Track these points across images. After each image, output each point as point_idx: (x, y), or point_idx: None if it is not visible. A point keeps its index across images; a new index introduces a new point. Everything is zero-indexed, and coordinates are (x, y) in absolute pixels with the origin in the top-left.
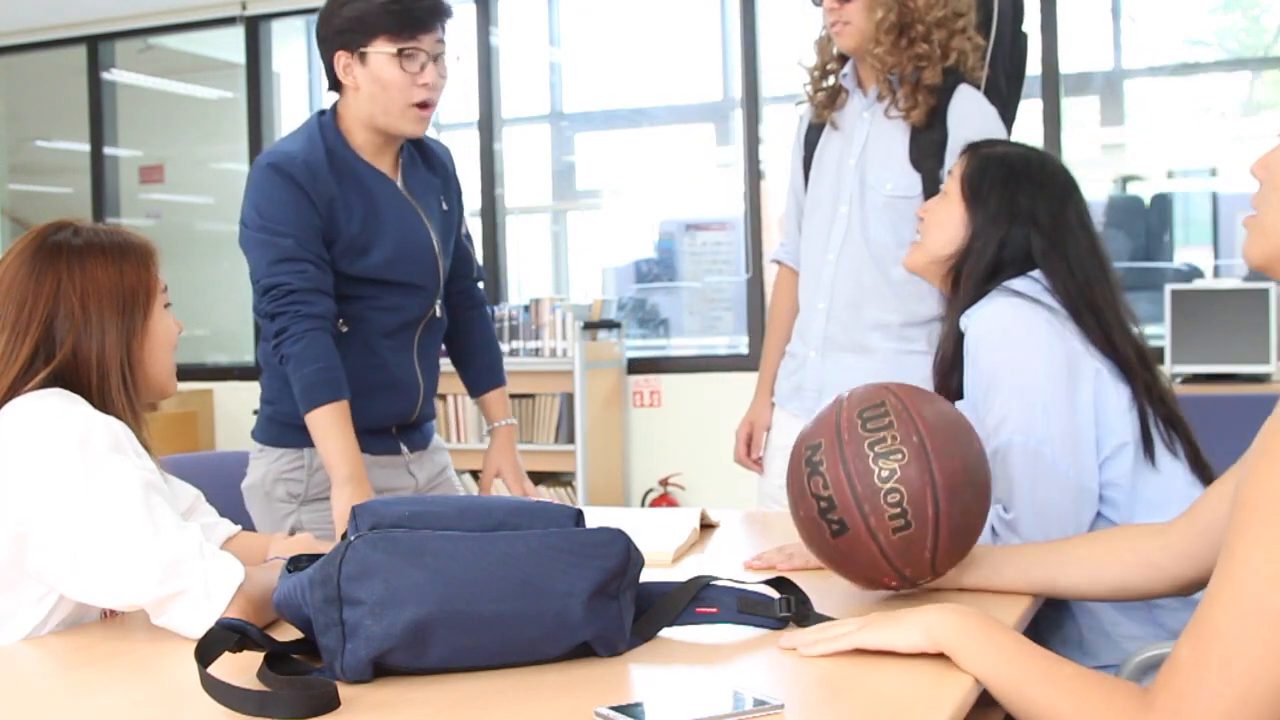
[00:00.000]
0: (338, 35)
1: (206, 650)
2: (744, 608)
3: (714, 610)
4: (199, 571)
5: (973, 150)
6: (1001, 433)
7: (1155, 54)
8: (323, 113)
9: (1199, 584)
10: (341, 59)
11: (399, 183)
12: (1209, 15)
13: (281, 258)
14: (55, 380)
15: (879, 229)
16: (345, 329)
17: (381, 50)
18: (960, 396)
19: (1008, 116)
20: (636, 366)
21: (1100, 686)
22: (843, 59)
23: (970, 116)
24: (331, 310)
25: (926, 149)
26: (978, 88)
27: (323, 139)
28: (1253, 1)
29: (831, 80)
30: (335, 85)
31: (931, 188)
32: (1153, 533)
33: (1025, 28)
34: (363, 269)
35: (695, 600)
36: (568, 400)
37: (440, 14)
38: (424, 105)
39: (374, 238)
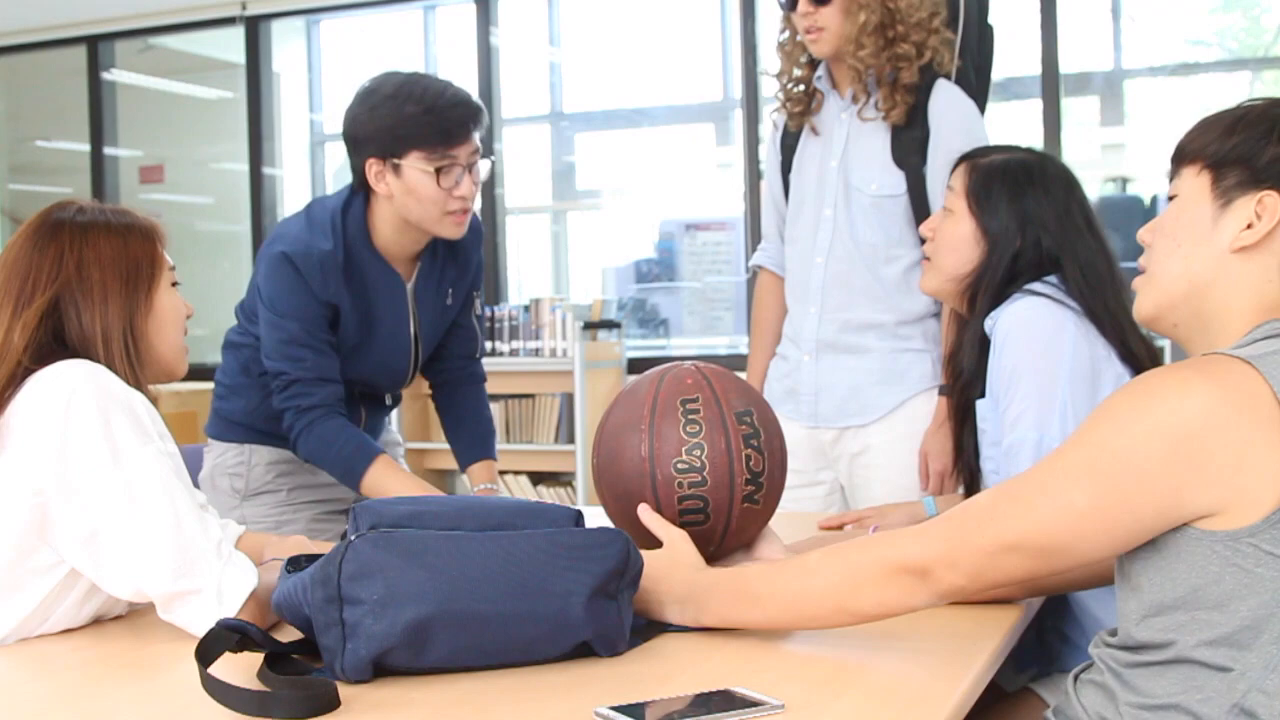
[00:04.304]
0: (369, 142)
1: (206, 650)
2: None
3: None
4: (215, 573)
5: (969, 162)
6: (1017, 428)
7: (1155, 54)
8: (348, 204)
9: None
10: (373, 166)
11: (411, 284)
12: (1209, 15)
13: (286, 339)
14: (68, 351)
15: (867, 229)
16: None
17: (416, 165)
18: (977, 399)
19: (978, 108)
20: (636, 366)
21: (856, 546)
22: (814, 62)
23: (950, 112)
24: (334, 394)
25: (909, 147)
26: (950, 80)
27: (345, 237)
28: (1253, 1)
29: (804, 85)
30: (363, 185)
31: (916, 185)
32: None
33: (991, 21)
34: (342, 373)
35: None
36: (568, 400)
37: (473, 121)
38: (461, 213)
39: (363, 346)
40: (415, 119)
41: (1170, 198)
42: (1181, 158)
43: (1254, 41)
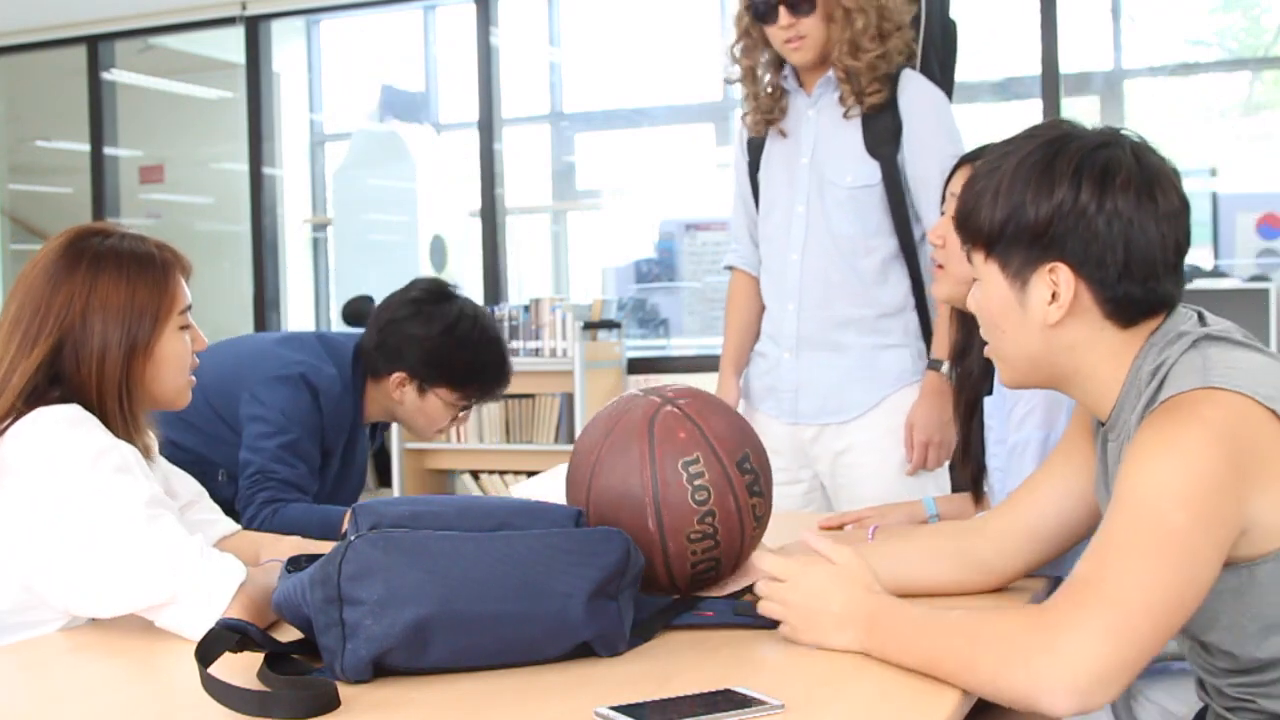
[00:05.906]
0: (409, 359)
1: (206, 650)
2: (739, 611)
3: (709, 614)
4: (199, 574)
5: (973, 164)
6: (1025, 427)
7: (1155, 54)
8: (357, 363)
9: (1019, 576)
10: (399, 378)
11: (368, 438)
12: (1209, 15)
13: (290, 445)
14: (63, 391)
15: (843, 222)
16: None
17: (445, 398)
18: (985, 395)
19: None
20: (636, 366)
21: (991, 619)
22: (780, 63)
23: (920, 99)
24: (304, 501)
25: (881, 136)
26: (914, 68)
27: (353, 402)
28: (1253, 1)
29: (771, 89)
30: (372, 370)
31: (891, 174)
32: (969, 529)
33: (953, 16)
34: None
35: (694, 606)
36: (568, 400)
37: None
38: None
39: (331, 495)
40: (482, 375)
41: (974, 279)
42: (964, 234)
43: (1254, 41)
